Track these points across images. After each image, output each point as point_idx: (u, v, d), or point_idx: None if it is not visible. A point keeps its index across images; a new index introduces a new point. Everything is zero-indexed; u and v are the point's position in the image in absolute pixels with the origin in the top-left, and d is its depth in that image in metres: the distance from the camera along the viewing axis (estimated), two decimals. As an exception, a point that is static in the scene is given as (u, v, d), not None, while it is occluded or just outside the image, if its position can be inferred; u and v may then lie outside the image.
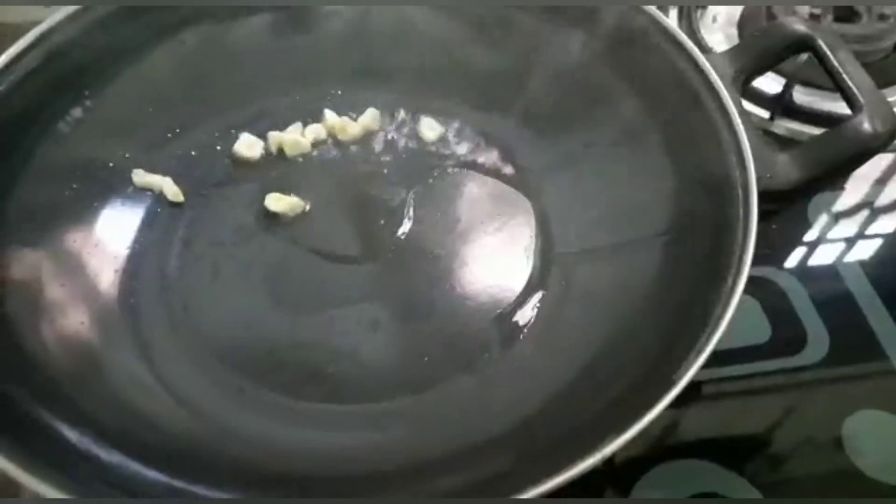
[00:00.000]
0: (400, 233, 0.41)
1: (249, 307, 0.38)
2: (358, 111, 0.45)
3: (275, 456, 0.33)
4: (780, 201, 0.36)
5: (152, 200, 0.41)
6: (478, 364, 0.36)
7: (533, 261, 0.40)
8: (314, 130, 0.45)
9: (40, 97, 0.38)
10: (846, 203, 0.49)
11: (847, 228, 0.48)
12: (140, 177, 0.41)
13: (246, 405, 0.35)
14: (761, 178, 0.33)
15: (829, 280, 0.45)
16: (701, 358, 0.28)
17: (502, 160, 0.44)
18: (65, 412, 0.31)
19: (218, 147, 0.44)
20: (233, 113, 0.44)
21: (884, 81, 0.50)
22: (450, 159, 0.44)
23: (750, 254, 0.31)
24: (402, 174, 0.43)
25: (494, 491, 0.28)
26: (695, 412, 0.39)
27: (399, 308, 0.38)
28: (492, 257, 0.40)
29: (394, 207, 0.42)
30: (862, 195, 0.49)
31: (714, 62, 0.37)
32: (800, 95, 0.51)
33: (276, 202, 0.41)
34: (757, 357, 0.41)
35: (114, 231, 0.40)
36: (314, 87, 0.46)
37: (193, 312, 0.38)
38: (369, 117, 0.45)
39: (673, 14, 0.57)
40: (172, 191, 0.41)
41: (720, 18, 0.58)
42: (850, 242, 0.47)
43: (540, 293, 0.39)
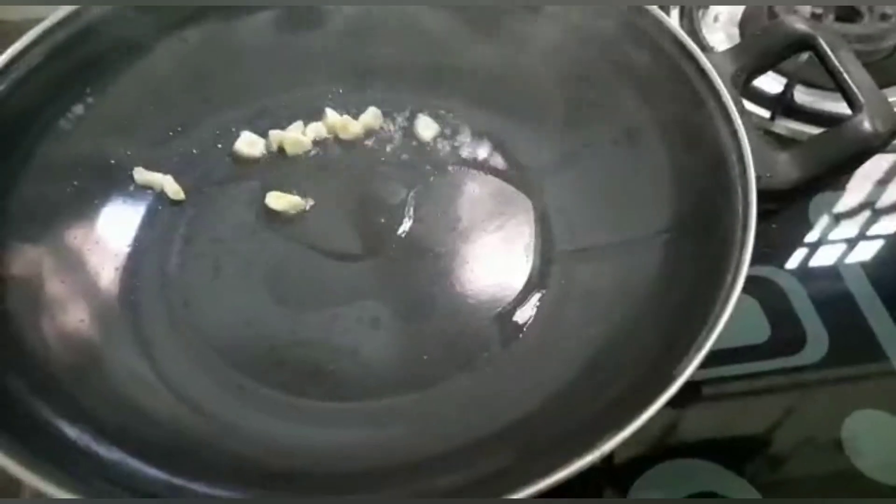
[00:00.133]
0: (400, 231, 0.41)
1: (250, 305, 0.38)
2: (359, 110, 0.45)
3: (275, 453, 0.33)
4: (780, 200, 0.36)
5: (153, 198, 0.42)
6: (478, 362, 0.37)
7: (533, 259, 0.40)
8: (315, 129, 0.45)
9: (42, 95, 0.38)
10: (847, 204, 0.49)
11: (848, 229, 0.48)
12: (141, 174, 0.41)
13: (246, 402, 0.35)
14: (761, 178, 0.34)
15: (830, 280, 0.45)
16: (699, 356, 0.28)
17: (503, 159, 0.44)
18: (65, 409, 0.31)
19: (219, 145, 0.44)
20: (234, 111, 0.44)
21: (885, 81, 0.50)
22: (450, 158, 0.44)
23: (749, 253, 0.31)
24: (403, 173, 0.43)
25: (494, 488, 0.28)
26: (693, 411, 0.39)
27: (399, 306, 0.38)
28: (492, 256, 0.40)
29: (394, 206, 0.42)
30: (863, 196, 0.49)
31: (714, 61, 0.37)
32: (801, 95, 0.51)
33: (277, 200, 0.42)
34: (756, 357, 0.41)
35: (114, 228, 0.40)
36: (315, 86, 0.46)
37: (194, 310, 0.38)
38: (370, 116, 0.45)
39: (674, 14, 0.57)
40: (173, 189, 0.42)
41: (722, 18, 0.58)
42: (851, 243, 0.47)
43: (540, 292, 0.39)
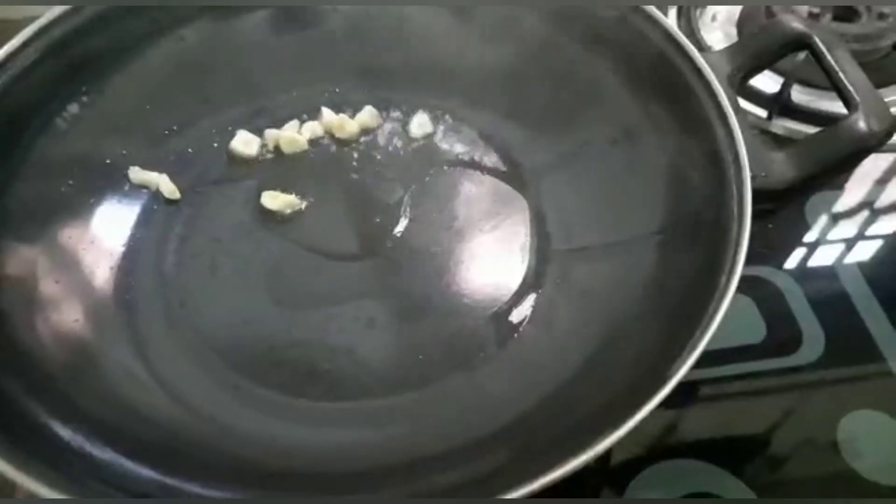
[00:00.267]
0: (396, 231, 0.41)
1: (246, 304, 0.38)
2: (355, 109, 0.45)
3: (272, 453, 0.33)
4: (776, 200, 0.36)
5: (149, 197, 0.41)
6: (474, 361, 0.36)
7: (529, 259, 0.40)
8: (311, 128, 0.45)
9: (37, 93, 0.38)
10: (844, 204, 0.49)
11: (845, 229, 0.47)
12: (137, 174, 0.41)
13: (242, 402, 0.35)
14: (756, 177, 0.33)
15: (826, 280, 0.45)
16: (693, 356, 0.28)
17: (499, 158, 0.44)
18: (59, 409, 0.31)
19: (215, 144, 0.44)
20: (230, 110, 0.44)
21: (883, 80, 0.50)
22: (446, 157, 0.44)
23: (744, 252, 0.31)
24: (399, 172, 0.43)
25: (491, 487, 0.28)
26: (689, 411, 0.39)
27: (396, 306, 0.38)
28: (488, 255, 0.40)
29: (390, 205, 0.42)
30: (860, 196, 0.49)
31: (710, 60, 0.37)
32: (798, 94, 0.51)
33: (273, 200, 0.41)
34: (752, 357, 0.41)
35: (110, 228, 0.40)
36: (312, 85, 0.46)
37: (190, 309, 0.38)
38: (367, 115, 0.45)
39: (672, 13, 0.57)
40: (169, 188, 0.41)
41: (720, 17, 0.58)
42: (848, 243, 0.47)
43: (536, 291, 0.38)
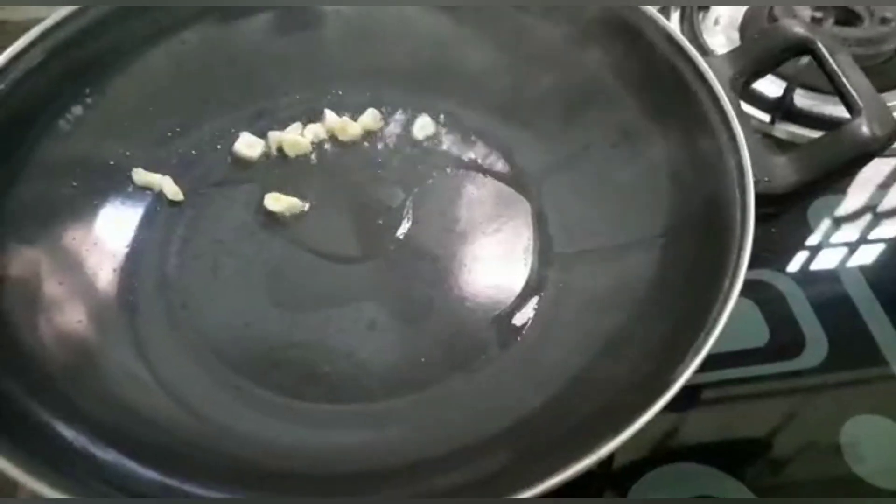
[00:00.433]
0: (399, 233, 0.41)
1: (248, 306, 0.38)
2: (358, 111, 0.45)
3: (272, 455, 0.33)
4: (779, 204, 0.36)
5: (152, 199, 0.41)
6: (475, 364, 0.36)
7: (531, 262, 0.40)
8: (314, 130, 0.45)
9: (42, 95, 0.38)
10: (847, 207, 0.49)
11: (847, 233, 0.47)
12: (140, 175, 0.41)
13: (243, 403, 0.35)
14: (759, 181, 0.34)
15: (829, 284, 0.45)
16: (696, 360, 0.28)
17: (501, 161, 0.44)
18: (61, 410, 0.31)
19: (218, 146, 0.44)
20: (233, 112, 0.44)
21: (885, 85, 0.50)
22: (449, 160, 0.44)
23: (747, 256, 0.31)
24: (402, 175, 0.43)
25: (491, 491, 0.28)
26: (691, 415, 0.39)
27: (397, 308, 0.38)
28: (490, 258, 0.40)
29: (393, 208, 0.42)
30: (863, 200, 0.49)
31: (713, 64, 0.37)
32: (801, 99, 0.51)
33: (276, 202, 0.41)
34: (755, 361, 0.41)
35: (113, 229, 0.40)
36: (314, 87, 0.46)
37: (192, 311, 0.38)
38: (369, 117, 0.45)
39: (675, 16, 0.57)
40: (172, 190, 0.42)
41: (722, 21, 0.58)
42: (851, 247, 0.47)
43: (538, 294, 0.38)
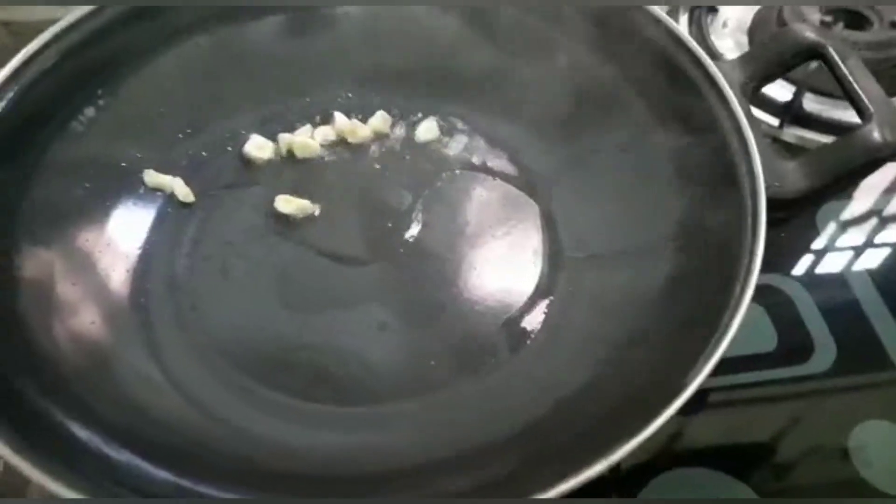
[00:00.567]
0: (408, 236, 0.41)
1: (258, 308, 0.39)
2: (368, 114, 0.45)
3: (281, 456, 0.33)
4: (789, 209, 0.36)
5: (163, 200, 0.42)
6: (485, 368, 0.37)
7: (541, 265, 0.40)
8: (324, 132, 0.45)
9: (54, 96, 0.39)
10: (855, 211, 0.49)
11: (855, 237, 0.47)
12: (151, 177, 0.42)
13: (253, 405, 0.35)
14: (770, 186, 0.33)
15: (837, 288, 0.45)
16: (709, 365, 0.28)
17: (511, 164, 0.44)
18: (75, 410, 0.31)
19: (228, 148, 0.44)
20: (243, 114, 0.45)
21: (895, 89, 0.50)
22: (458, 162, 0.44)
23: (759, 261, 0.31)
24: (411, 177, 0.44)
25: (502, 493, 0.28)
26: (700, 420, 0.39)
27: (407, 311, 0.38)
28: (500, 261, 0.40)
29: (402, 210, 0.42)
30: (871, 204, 0.49)
31: (724, 69, 0.37)
32: (810, 103, 0.51)
33: (286, 204, 0.42)
34: (763, 365, 0.41)
35: (125, 230, 0.40)
36: (325, 90, 0.46)
37: (201, 312, 0.38)
38: (379, 120, 0.45)
39: (683, 19, 0.57)
40: (183, 191, 0.42)
41: (730, 24, 0.58)
42: (859, 251, 0.47)
43: (548, 298, 0.39)
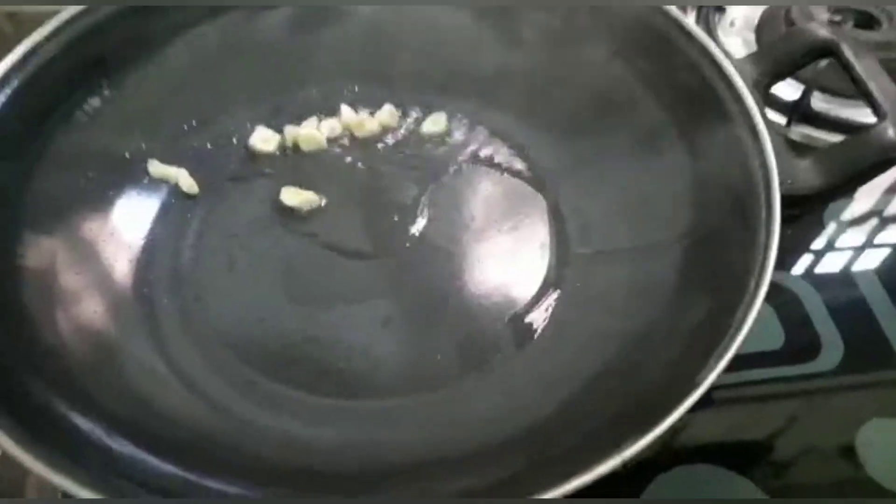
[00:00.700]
0: (414, 230, 0.41)
1: (262, 301, 0.38)
2: (374, 107, 0.45)
3: (286, 450, 0.33)
4: (801, 206, 0.35)
5: (167, 192, 0.41)
6: (491, 364, 0.36)
7: (548, 261, 0.40)
8: (330, 125, 0.44)
9: (59, 86, 0.38)
10: (862, 210, 0.49)
11: (862, 235, 0.47)
12: (156, 167, 0.41)
13: (257, 399, 0.35)
14: (782, 184, 0.33)
15: (844, 287, 0.44)
16: (723, 362, 0.28)
17: (519, 159, 0.44)
18: (78, 402, 0.31)
19: (234, 140, 0.44)
20: (249, 107, 0.44)
21: (904, 89, 0.50)
22: (465, 157, 0.44)
23: (773, 258, 0.30)
24: (418, 171, 0.43)
25: (507, 493, 0.28)
26: (707, 417, 0.39)
27: (412, 306, 0.38)
28: (506, 256, 0.40)
29: (408, 204, 0.42)
30: (878, 202, 0.49)
31: (736, 66, 0.37)
32: (818, 102, 0.50)
33: (292, 196, 0.41)
34: (770, 363, 0.41)
35: (129, 221, 0.40)
36: (331, 83, 0.46)
37: (206, 305, 0.38)
38: (386, 114, 0.45)
39: (690, 18, 0.56)
40: (188, 182, 0.41)
41: (738, 23, 0.57)
42: (866, 249, 0.47)
43: (555, 294, 0.38)
